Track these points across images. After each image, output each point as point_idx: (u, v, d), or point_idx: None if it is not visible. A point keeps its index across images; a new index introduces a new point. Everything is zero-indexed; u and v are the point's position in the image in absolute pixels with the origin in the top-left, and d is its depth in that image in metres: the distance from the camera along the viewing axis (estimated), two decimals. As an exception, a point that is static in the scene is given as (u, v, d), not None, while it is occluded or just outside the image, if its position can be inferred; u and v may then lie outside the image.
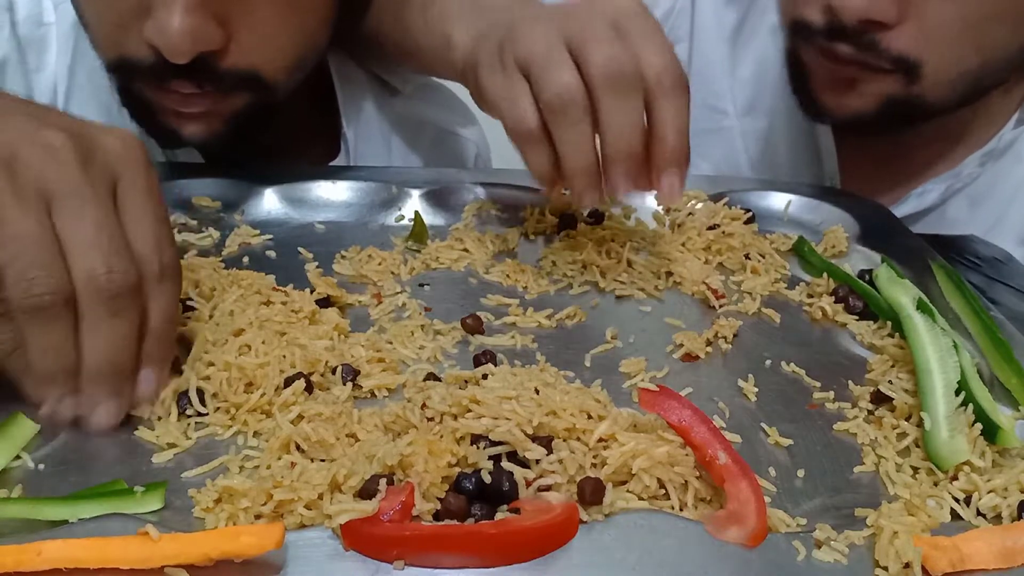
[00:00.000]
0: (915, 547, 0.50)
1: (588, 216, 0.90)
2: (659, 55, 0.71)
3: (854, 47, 0.90)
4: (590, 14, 0.73)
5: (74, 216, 0.55)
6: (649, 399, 0.60)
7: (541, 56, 0.72)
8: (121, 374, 0.59)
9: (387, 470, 0.53)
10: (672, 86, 0.71)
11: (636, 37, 0.72)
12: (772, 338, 0.75)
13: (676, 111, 0.72)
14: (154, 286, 0.59)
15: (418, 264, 0.83)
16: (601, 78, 0.70)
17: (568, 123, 0.71)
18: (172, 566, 0.47)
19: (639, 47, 0.71)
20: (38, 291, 0.54)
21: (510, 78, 0.73)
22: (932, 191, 1.06)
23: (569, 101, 0.70)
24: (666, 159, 0.72)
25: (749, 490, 0.53)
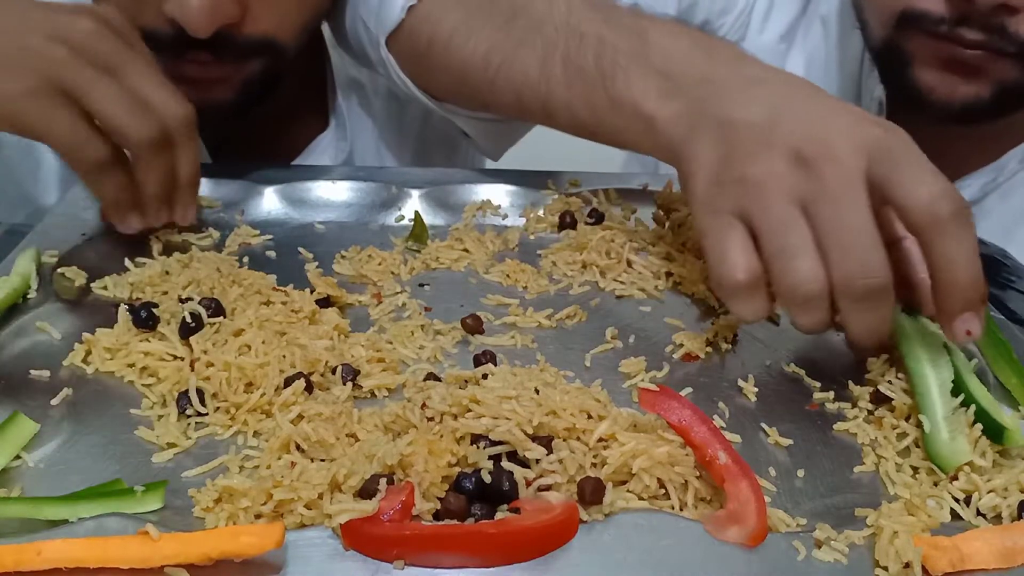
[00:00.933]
0: (915, 547, 0.50)
1: (588, 216, 0.90)
2: (928, 187, 0.62)
3: (983, 32, 0.90)
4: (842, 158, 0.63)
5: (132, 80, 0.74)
6: (649, 399, 0.60)
7: (769, 231, 0.64)
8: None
9: (387, 470, 0.53)
10: (950, 219, 0.61)
11: (892, 171, 0.63)
12: (772, 338, 0.75)
13: (960, 246, 0.61)
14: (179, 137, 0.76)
15: (418, 264, 0.83)
16: (842, 288, 0.62)
17: (800, 312, 0.64)
18: (172, 566, 0.47)
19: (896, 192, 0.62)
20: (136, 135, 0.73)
21: (722, 232, 0.66)
22: (971, 186, 1.06)
23: (808, 296, 0.63)
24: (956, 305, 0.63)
25: (749, 490, 0.53)
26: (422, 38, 0.92)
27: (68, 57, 0.71)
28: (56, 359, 0.66)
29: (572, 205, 0.92)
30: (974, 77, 0.94)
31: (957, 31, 0.91)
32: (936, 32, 0.93)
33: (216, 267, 0.77)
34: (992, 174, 1.05)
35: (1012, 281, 0.88)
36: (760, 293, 0.65)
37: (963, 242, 0.61)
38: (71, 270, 0.76)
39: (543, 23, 0.84)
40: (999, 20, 0.89)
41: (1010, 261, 0.94)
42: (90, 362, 0.66)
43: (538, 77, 0.83)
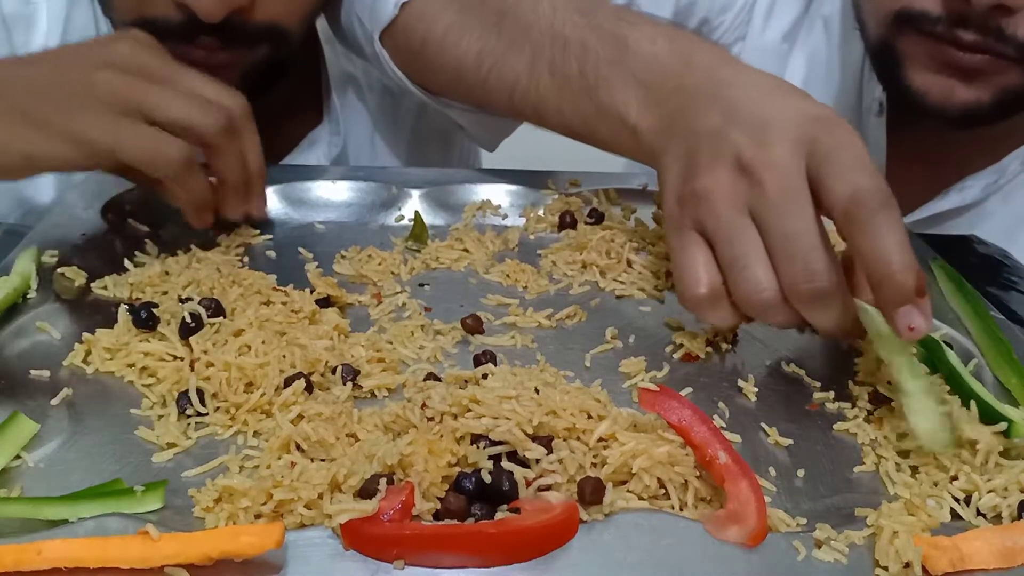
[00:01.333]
0: (915, 547, 0.50)
1: (588, 216, 0.90)
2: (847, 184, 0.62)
3: (980, 34, 0.89)
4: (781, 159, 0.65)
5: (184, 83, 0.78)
6: (649, 399, 0.60)
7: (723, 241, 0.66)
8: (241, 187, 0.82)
9: (387, 470, 0.53)
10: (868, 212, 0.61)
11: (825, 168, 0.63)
12: (772, 338, 0.75)
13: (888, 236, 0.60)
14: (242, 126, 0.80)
15: (418, 264, 0.83)
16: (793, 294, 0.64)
17: (762, 317, 0.67)
18: (172, 566, 0.47)
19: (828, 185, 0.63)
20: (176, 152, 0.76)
21: (685, 247, 0.68)
22: (973, 187, 1.06)
23: (764, 302, 0.65)
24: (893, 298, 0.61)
25: (749, 490, 0.53)
26: (416, 36, 0.93)
27: (122, 78, 0.75)
28: (56, 359, 0.66)
29: (572, 205, 0.92)
30: (973, 81, 0.93)
31: (954, 32, 0.90)
32: (932, 33, 0.92)
33: (216, 267, 0.77)
34: (994, 176, 1.05)
35: (1013, 282, 0.89)
36: (723, 303, 0.68)
37: (886, 235, 0.60)
38: (71, 270, 0.76)
39: (530, 27, 0.85)
40: (996, 21, 0.88)
41: (1010, 262, 0.94)
42: (90, 362, 0.66)
43: (528, 82, 0.85)
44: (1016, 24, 0.88)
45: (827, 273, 0.63)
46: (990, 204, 1.08)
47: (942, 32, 0.91)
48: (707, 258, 0.68)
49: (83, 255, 0.78)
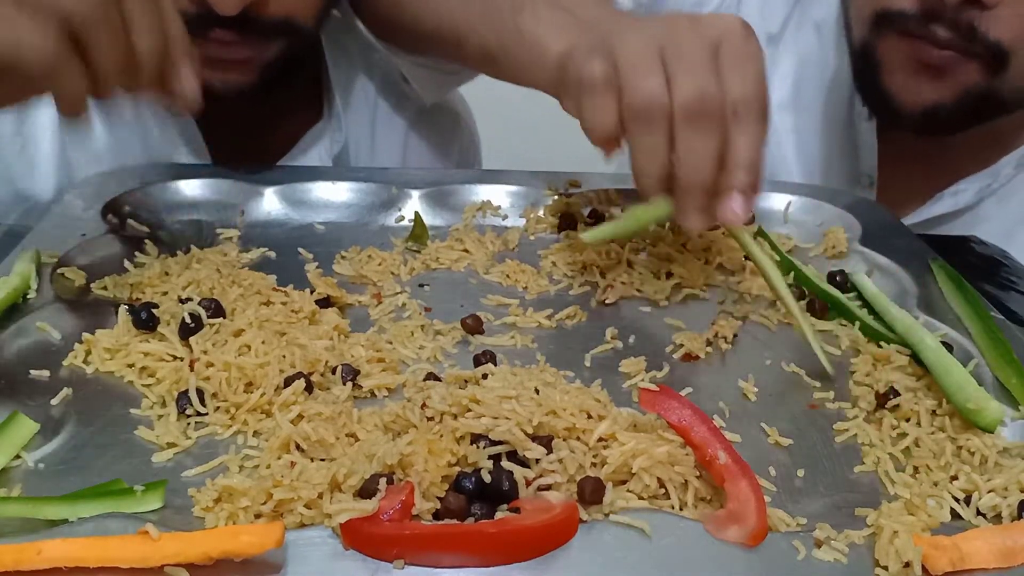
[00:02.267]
0: (915, 546, 0.50)
1: (588, 216, 0.90)
2: (745, 84, 0.71)
3: (951, 30, 0.91)
4: (692, 33, 0.72)
5: None
6: (649, 399, 0.60)
7: (633, 61, 0.71)
8: None
9: (387, 469, 0.53)
10: (747, 115, 0.71)
11: (729, 64, 0.71)
12: (772, 338, 0.75)
13: (750, 143, 0.71)
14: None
15: (418, 264, 0.83)
16: (685, 109, 0.70)
17: (647, 131, 0.71)
18: (172, 565, 0.47)
19: (728, 75, 0.71)
20: None
21: (596, 79, 0.72)
22: (966, 191, 1.06)
23: (653, 109, 0.70)
24: (731, 187, 0.72)
25: (749, 489, 0.53)
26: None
27: None
28: (56, 359, 0.66)
29: (572, 205, 0.92)
30: (939, 79, 0.95)
31: (928, 28, 0.92)
32: (907, 30, 0.94)
33: (216, 267, 0.77)
34: (987, 179, 1.06)
35: (1013, 282, 0.89)
36: (609, 97, 0.72)
37: (751, 140, 0.71)
38: (71, 270, 0.76)
39: None
40: (968, 17, 0.90)
41: (1010, 262, 0.94)
42: (90, 362, 0.66)
43: (459, 11, 0.95)
44: (987, 22, 0.90)
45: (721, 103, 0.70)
46: (985, 208, 1.08)
47: (917, 29, 0.93)
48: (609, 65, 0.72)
49: (83, 255, 0.78)
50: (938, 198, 1.07)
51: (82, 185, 0.89)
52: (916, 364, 0.69)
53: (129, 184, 0.89)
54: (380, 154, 1.17)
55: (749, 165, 0.71)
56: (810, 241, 0.91)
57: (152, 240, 0.82)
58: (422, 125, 1.20)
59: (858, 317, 0.76)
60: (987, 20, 0.90)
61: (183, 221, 0.88)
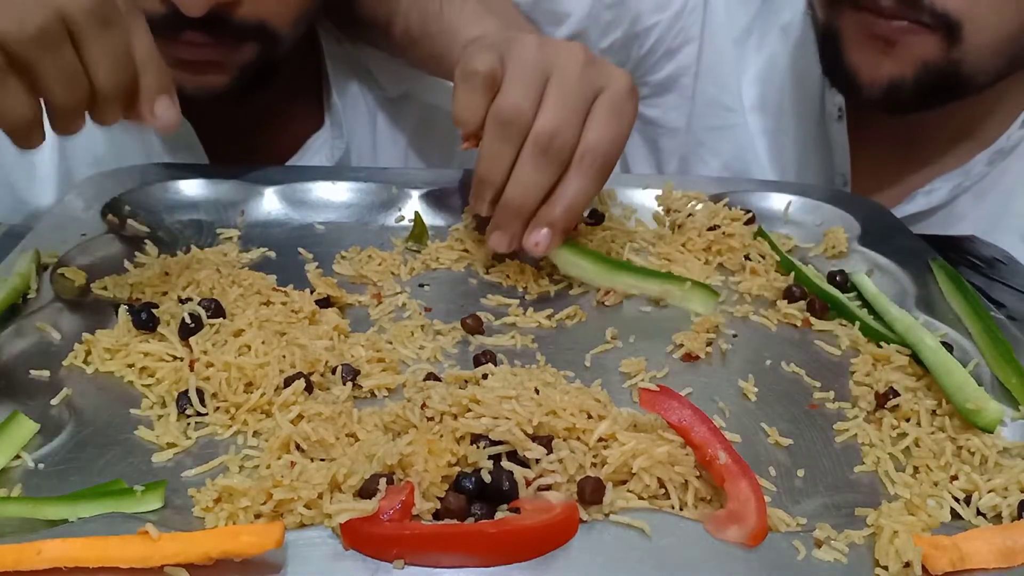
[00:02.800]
0: (915, 546, 0.50)
1: (588, 217, 0.90)
2: (603, 137, 0.75)
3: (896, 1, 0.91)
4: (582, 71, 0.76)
5: None
6: (649, 399, 0.60)
7: (519, 72, 0.75)
8: None
9: (387, 469, 0.53)
10: (593, 167, 0.75)
11: (600, 113, 0.75)
12: (772, 338, 0.75)
13: (580, 189, 0.75)
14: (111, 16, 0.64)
15: (418, 264, 0.83)
16: (536, 137, 0.74)
17: (500, 139, 0.75)
18: (172, 565, 0.47)
19: (593, 123, 0.75)
20: None
21: (479, 74, 0.75)
22: (940, 189, 1.06)
23: (513, 122, 0.74)
24: (545, 220, 0.76)
25: (749, 489, 0.53)
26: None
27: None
28: (56, 359, 0.66)
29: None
30: (894, 53, 0.94)
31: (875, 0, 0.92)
32: (857, 3, 0.93)
33: (216, 267, 0.77)
34: (960, 177, 1.06)
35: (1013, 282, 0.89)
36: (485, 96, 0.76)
37: (581, 188, 0.76)
38: (71, 270, 0.76)
39: None
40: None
41: (1010, 262, 0.94)
42: (90, 362, 0.66)
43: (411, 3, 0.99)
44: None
45: None
46: (961, 205, 1.08)
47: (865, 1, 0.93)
48: None
49: (83, 255, 0.78)
50: (912, 197, 1.07)
51: (82, 185, 0.89)
52: (916, 364, 0.69)
53: (129, 184, 0.89)
54: (382, 161, 1.17)
55: (570, 207, 0.76)
56: (810, 241, 0.91)
57: (152, 240, 0.82)
58: (423, 129, 1.20)
59: (858, 317, 0.76)
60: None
61: (183, 221, 0.88)
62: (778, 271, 0.84)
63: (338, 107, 1.11)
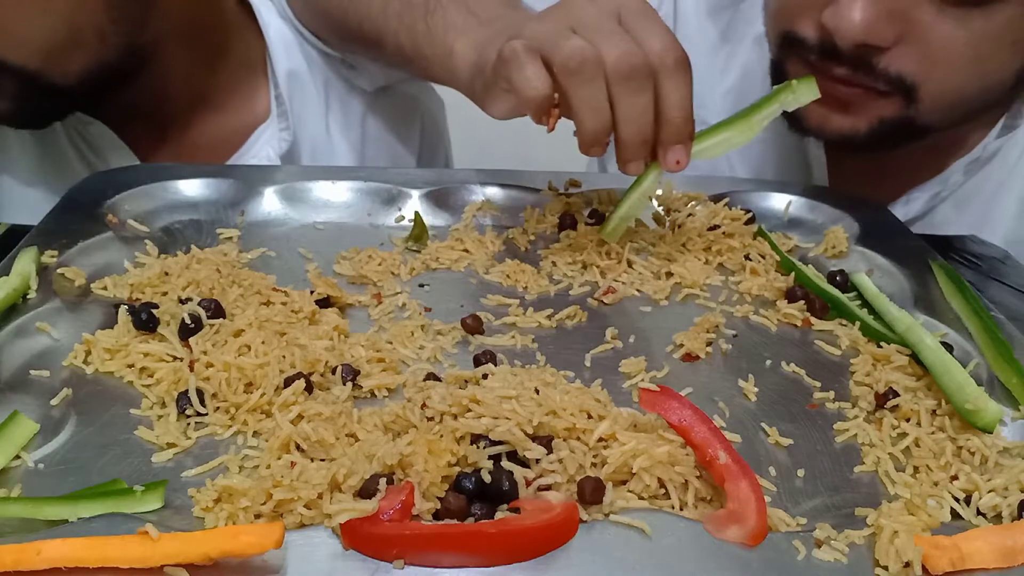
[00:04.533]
0: (915, 546, 0.50)
1: (588, 216, 0.90)
2: (660, 39, 0.74)
3: (850, 67, 0.89)
4: (591, 7, 0.75)
5: None
6: (649, 399, 0.60)
7: (550, 36, 0.74)
8: None
9: (387, 469, 0.53)
10: (674, 66, 0.74)
11: (637, 26, 0.74)
12: (772, 338, 0.75)
13: (679, 90, 0.74)
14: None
15: (418, 264, 0.83)
16: (616, 73, 0.72)
17: (583, 80, 0.73)
18: (172, 565, 0.47)
19: (642, 36, 0.74)
20: None
21: (517, 50, 0.74)
22: (918, 199, 1.06)
23: (583, 60, 0.72)
24: (671, 137, 0.76)
25: (749, 489, 0.53)
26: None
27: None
28: (56, 359, 0.67)
29: (572, 205, 0.92)
30: (847, 111, 0.93)
31: (826, 64, 0.90)
32: (812, 63, 0.92)
33: (216, 267, 0.77)
34: (937, 187, 1.05)
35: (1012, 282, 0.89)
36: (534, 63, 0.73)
37: (681, 85, 0.74)
38: (71, 270, 0.76)
39: None
40: (867, 57, 0.88)
41: (1010, 262, 0.94)
42: (90, 362, 0.66)
43: (380, 9, 0.99)
44: (888, 60, 0.87)
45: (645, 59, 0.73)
46: (940, 214, 1.08)
47: (817, 63, 0.91)
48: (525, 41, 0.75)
49: (83, 255, 0.78)
50: (890, 207, 1.07)
51: (82, 185, 0.89)
52: (916, 364, 0.69)
53: (129, 184, 0.89)
54: (337, 147, 1.16)
55: (683, 112, 0.75)
56: (810, 241, 0.91)
57: (152, 240, 0.82)
58: (377, 112, 1.19)
59: (858, 317, 0.76)
60: (887, 58, 0.87)
61: (183, 221, 0.88)
62: (778, 271, 0.84)
63: (284, 97, 1.10)
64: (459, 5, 0.91)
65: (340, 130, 1.17)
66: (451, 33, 0.90)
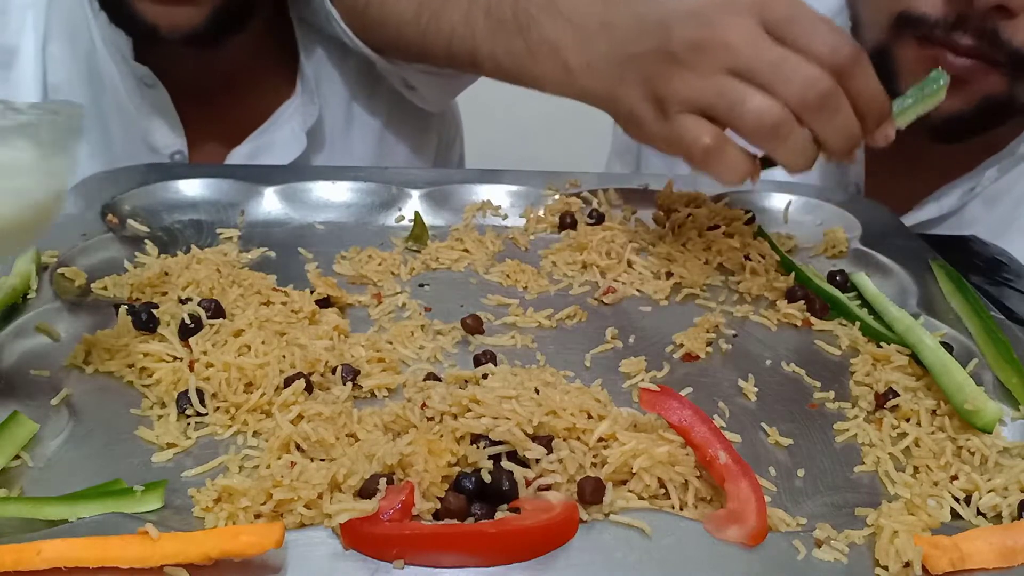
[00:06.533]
0: (915, 546, 0.50)
1: (588, 217, 0.90)
2: (823, 40, 0.70)
3: (976, 37, 0.89)
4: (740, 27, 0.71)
5: None
6: (649, 399, 0.60)
7: (714, 97, 0.71)
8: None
9: (387, 469, 0.53)
10: (852, 64, 0.71)
11: (793, 33, 0.71)
12: (772, 338, 0.75)
13: (867, 83, 0.72)
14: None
15: (418, 264, 0.83)
16: (805, 111, 0.70)
17: (781, 141, 0.71)
18: (172, 565, 0.47)
19: (804, 44, 0.70)
20: None
21: (710, 153, 0.72)
22: (950, 196, 1.06)
23: (774, 124, 0.70)
24: (874, 124, 0.74)
25: (749, 489, 0.53)
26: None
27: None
28: (56, 359, 0.67)
29: (572, 205, 0.92)
30: (958, 90, 0.92)
31: (951, 36, 0.91)
32: (931, 37, 0.92)
33: (216, 267, 0.77)
34: (970, 184, 1.06)
35: (1011, 281, 0.88)
36: (730, 147, 0.73)
37: (866, 75, 0.72)
38: (71, 270, 0.76)
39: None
40: (993, 25, 0.89)
41: (1010, 262, 0.94)
42: (90, 362, 0.66)
43: (464, 30, 0.93)
44: (1013, 29, 0.89)
45: (825, 76, 0.70)
46: (971, 211, 1.08)
47: (939, 36, 0.92)
48: (701, 120, 0.72)
49: (83, 255, 0.78)
50: (923, 204, 1.07)
51: (82, 185, 0.89)
52: (916, 364, 0.69)
53: (129, 184, 0.89)
54: (357, 129, 1.17)
55: (880, 102, 0.73)
56: (810, 241, 0.91)
57: (152, 240, 0.82)
58: (402, 108, 1.20)
59: (858, 317, 0.76)
60: (1011, 28, 0.89)
61: (183, 221, 0.88)
62: (778, 271, 0.84)
63: (310, 77, 1.11)
64: (552, 15, 0.84)
65: (362, 121, 1.17)
66: (557, 51, 0.83)
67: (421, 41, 0.98)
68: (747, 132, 0.71)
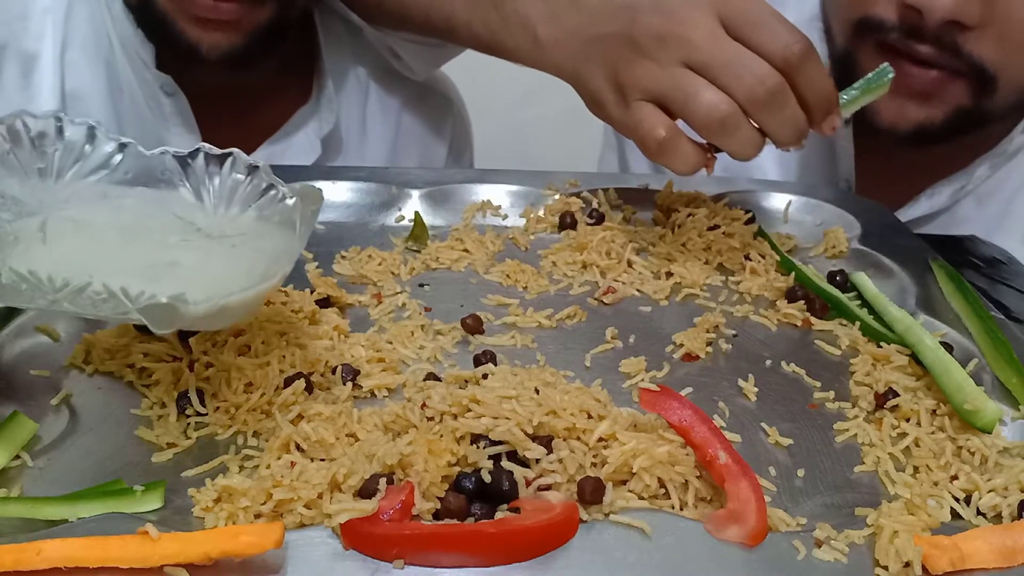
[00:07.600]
0: (915, 546, 0.50)
1: (588, 217, 0.90)
2: (775, 38, 0.73)
3: (935, 47, 0.89)
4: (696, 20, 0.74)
5: None
6: (649, 399, 0.60)
7: (669, 89, 0.74)
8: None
9: (387, 469, 0.53)
10: (801, 60, 0.74)
11: (747, 30, 0.74)
12: (772, 338, 0.75)
13: (815, 79, 0.75)
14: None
15: (418, 264, 0.83)
16: (753, 106, 0.73)
17: (728, 135, 0.74)
18: (172, 565, 0.47)
19: (757, 41, 0.74)
20: None
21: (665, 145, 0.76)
22: (942, 193, 1.06)
23: (723, 118, 0.73)
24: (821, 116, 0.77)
25: (749, 489, 0.53)
26: None
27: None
28: (56, 359, 0.67)
29: (572, 205, 0.92)
30: (925, 101, 0.93)
31: (909, 44, 0.90)
32: (889, 44, 0.92)
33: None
34: (962, 181, 1.06)
35: (1012, 282, 0.89)
36: (683, 141, 0.76)
37: (815, 70, 0.75)
38: (71, 270, 0.76)
39: None
40: (951, 36, 0.88)
41: (1010, 262, 0.94)
42: (90, 362, 0.66)
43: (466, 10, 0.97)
44: (972, 41, 0.88)
45: (774, 74, 0.73)
46: (963, 209, 1.08)
47: (897, 43, 0.91)
48: (657, 110, 0.76)
49: (83, 255, 0.78)
50: (914, 201, 1.07)
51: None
52: (916, 364, 0.69)
53: (129, 184, 0.89)
54: (371, 136, 1.18)
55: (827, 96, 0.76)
56: (810, 241, 0.91)
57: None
58: (414, 108, 1.21)
59: (858, 317, 0.76)
60: (971, 40, 0.88)
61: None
62: (778, 271, 0.84)
63: (328, 84, 1.11)
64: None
65: (376, 123, 1.19)
66: (528, 24, 0.88)
67: (400, 9, 1.04)
68: (697, 125, 0.74)
